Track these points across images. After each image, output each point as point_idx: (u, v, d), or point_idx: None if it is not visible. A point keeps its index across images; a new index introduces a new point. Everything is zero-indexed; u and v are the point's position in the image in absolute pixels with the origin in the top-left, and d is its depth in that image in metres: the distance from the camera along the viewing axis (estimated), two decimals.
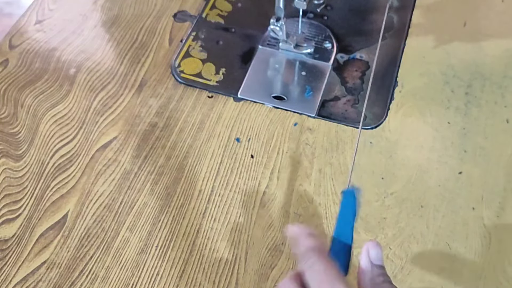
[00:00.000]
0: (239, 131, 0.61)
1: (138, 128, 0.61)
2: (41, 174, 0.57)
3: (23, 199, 0.56)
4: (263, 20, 0.70)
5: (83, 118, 0.62)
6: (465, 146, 0.59)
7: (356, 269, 0.38)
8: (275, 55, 0.67)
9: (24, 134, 0.61)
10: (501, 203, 0.55)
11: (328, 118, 0.62)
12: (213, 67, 0.67)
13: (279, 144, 0.60)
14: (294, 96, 0.64)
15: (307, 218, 0.54)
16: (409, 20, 0.71)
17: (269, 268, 0.52)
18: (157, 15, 0.72)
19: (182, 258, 0.52)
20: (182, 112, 0.63)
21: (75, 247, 0.53)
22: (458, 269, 0.51)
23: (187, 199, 0.56)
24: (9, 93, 0.64)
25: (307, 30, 0.69)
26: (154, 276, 0.51)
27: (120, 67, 0.67)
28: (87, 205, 0.56)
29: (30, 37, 0.70)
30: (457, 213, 0.54)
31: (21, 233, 0.54)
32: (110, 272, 0.52)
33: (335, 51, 0.67)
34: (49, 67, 0.67)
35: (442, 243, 0.53)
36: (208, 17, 0.72)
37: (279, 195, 0.56)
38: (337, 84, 0.65)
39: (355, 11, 0.72)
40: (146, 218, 0.55)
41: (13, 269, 0.52)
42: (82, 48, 0.69)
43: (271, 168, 0.58)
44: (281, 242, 0.53)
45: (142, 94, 0.64)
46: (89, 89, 0.65)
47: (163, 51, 0.68)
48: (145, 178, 0.57)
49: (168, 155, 0.59)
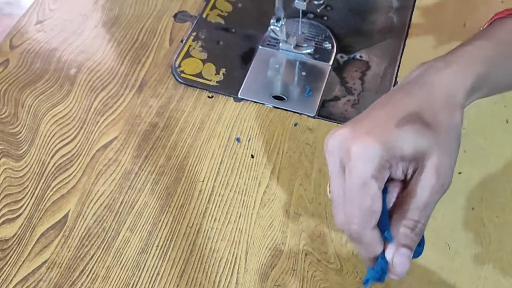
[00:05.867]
0: (239, 131, 0.61)
1: (138, 128, 0.61)
2: (41, 174, 0.58)
3: (24, 199, 0.56)
4: (263, 21, 0.70)
5: (83, 118, 0.62)
6: (465, 146, 0.59)
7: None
8: (275, 55, 0.68)
9: (24, 134, 0.61)
10: (501, 203, 0.55)
11: (328, 118, 0.62)
12: (213, 67, 0.67)
13: (279, 144, 0.60)
14: (294, 96, 0.64)
15: (307, 218, 0.55)
16: (409, 20, 0.71)
17: (269, 268, 0.52)
18: (157, 16, 0.72)
19: (182, 258, 0.52)
20: (182, 112, 0.63)
21: (75, 247, 0.53)
22: (458, 269, 0.52)
23: (188, 199, 0.56)
24: (9, 93, 0.64)
25: (307, 30, 0.70)
26: (154, 276, 0.51)
27: (120, 67, 0.67)
28: (87, 205, 0.56)
29: (31, 37, 0.70)
30: (457, 213, 0.54)
31: (22, 233, 0.54)
32: (111, 272, 0.52)
33: (335, 51, 0.67)
34: (49, 67, 0.67)
35: (442, 243, 0.53)
36: (208, 17, 0.72)
37: (279, 195, 0.56)
38: (337, 84, 0.65)
39: (355, 12, 0.72)
40: (146, 218, 0.55)
41: (13, 269, 0.52)
42: (83, 48, 0.69)
43: (271, 168, 0.58)
44: (281, 242, 0.53)
45: (142, 94, 0.64)
46: (90, 89, 0.65)
47: (164, 51, 0.68)
48: (145, 178, 0.57)
49: (168, 155, 0.59)
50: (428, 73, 0.40)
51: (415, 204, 0.37)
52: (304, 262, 0.52)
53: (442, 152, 0.37)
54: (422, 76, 0.40)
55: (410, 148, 0.36)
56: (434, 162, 0.36)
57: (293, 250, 0.53)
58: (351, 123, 0.39)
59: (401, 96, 0.39)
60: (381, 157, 0.36)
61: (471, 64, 0.40)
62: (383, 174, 0.37)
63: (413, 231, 0.37)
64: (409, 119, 0.37)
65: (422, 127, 0.37)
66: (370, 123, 0.38)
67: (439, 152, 0.36)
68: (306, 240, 0.53)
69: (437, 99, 0.38)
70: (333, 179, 0.39)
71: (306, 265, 0.52)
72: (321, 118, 0.62)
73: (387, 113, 0.38)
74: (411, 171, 0.38)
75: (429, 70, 0.41)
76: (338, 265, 0.52)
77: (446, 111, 0.38)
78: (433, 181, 0.36)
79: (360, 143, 0.36)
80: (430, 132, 0.37)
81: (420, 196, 0.37)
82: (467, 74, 0.40)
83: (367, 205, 0.36)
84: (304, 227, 0.54)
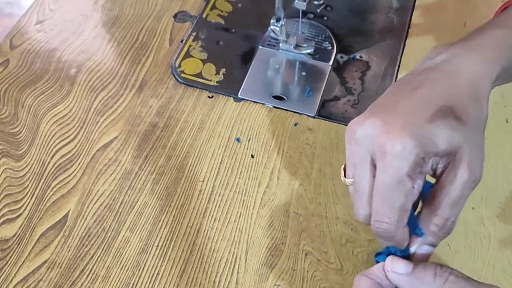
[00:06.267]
0: (239, 131, 0.61)
1: (138, 128, 0.61)
2: (41, 174, 0.58)
3: (24, 199, 0.56)
4: (263, 21, 0.70)
5: (83, 118, 0.62)
6: None
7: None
8: (275, 55, 0.68)
9: (24, 134, 0.61)
10: (501, 203, 0.55)
11: (328, 118, 0.62)
12: (213, 67, 0.67)
13: (279, 144, 0.60)
14: (294, 96, 0.64)
15: (307, 218, 0.55)
16: (409, 20, 0.71)
17: (269, 268, 0.52)
18: (157, 16, 0.72)
19: (182, 258, 0.52)
20: (182, 112, 0.63)
21: (75, 246, 0.53)
22: (458, 269, 0.51)
23: (188, 199, 0.56)
24: (9, 93, 0.64)
25: (307, 30, 0.70)
26: (154, 276, 0.51)
27: (120, 67, 0.67)
28: (87, 205, 0.56)
29: (31, 37, 0.70)
30: None
31: (22, 233, 0.54)
32: (111, 272, 0.52)
33: (335, 52, 0.68)
34: (49, 67, 0.67)
35: (442, 243, 0.53)
36: (208, 17, 0.72)
37: (279, 195, 0.56)
38: (337, 84, 0.65)
39: (355, 12, 0.72)
40: (146, 218, 0.55)
41: (13, 269, 0.52)
42: (83, 48, 0.69)
43: (271, 168, 0.58)
44: (281, 242, 0.53)
45: (142, 94, 0.64)
46: (90, 89, 0.65)
47: (164, 51, 0.68)
48: (145, 178, 0.58)
49: (168, 155, 0.59)
50: (455, 61, 0.39)
51: (447, 200, 0.36)
52: (304, 262, 0.52)
53: (473, 146, 0.36)
54: (449, 63, 0.39)
55: (444, 144, 0.36)
56: (466, 156, 0.36)
57: (293, 250, 0.53)
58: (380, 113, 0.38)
59: (429, 86, 0.38)
60: (417, 155, 0.35)
61: (496, 54, 0.40)
62: (416, 171, 0.36)
63: (442, 229, 0.37)
64: (441, 114, 0.36)
65: (455, 122, 0.36)
66: (401, 116, 0.37)
67: (470, 147, 0.36)
68: (306, 240, 0.53)
69: (465, 90, 0.38)
70: (360, 170, 0.38)
71: (306, 265, 0.52)
72: (321, 118, 0.62)
73: (417, 105, 0.37)
74: (441, 166, 0.37)
75: (456, 58, 0.39)
76: (338, 265, 0.52)
77: (475, 103, 0.37)
78: (465, 176, 0.36)
79: (397, 140, 0.35)
80: (462, 126, 0.36)
81: (452, 192, 0.36)
82: (493, 64, 0.39)
83: (401, 203, 0.36)
84: (304, 227, 0.54)
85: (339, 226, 0.54)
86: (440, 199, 0.37)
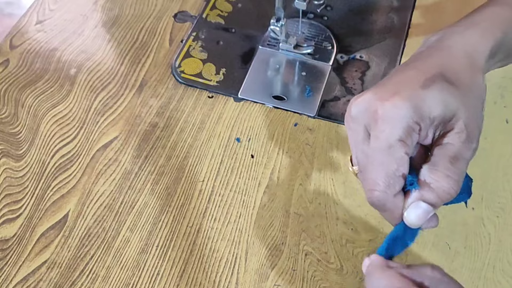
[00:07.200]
0: (239, 131, 0.61)
1: (138, 128, 0.61)
2: (41, 174, 0.58)
3: (24, 199, 0.56)
4: (263, 21, 0.70)
5: (83, 118, 0.62)
6: None
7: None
8: (275, 55, 0.68)
9: (24, 134, 0.61)
10: (501, 203, 0.55)
11: (328, 118, 0.62)
12: (213, 67, 0.67)
13: (279, 144, 0.60)
14: (294, 96, 0.64)
15: (307, 218, 0.55)
16: (409, 20, 0.71)
17: (269, 268, 0.52)
18: (157, 16, 0.72)
19: (182, 258, 0.52)
20: (182, 112, 0.63)
21: (75, 246, 0.53)
22: (458, 269, 0.52)
23: (188, 199, 0.56)
24: (9, 93, 0.64)
25: (307, 30, 0.70)
26: (154, 276, 0.51)
27: (120, 67, 0.67)
28: (87, 205, 0.56)
29: (31, 37, 0.70)
30: (457, 213, 0.54)
31: (22, 232, 0.54)
32: (111, 272, 0.52)
33: (335, 52, 0.67)
34: (49, 67, 0.67)
35: (442, 243, 0.53)
36: (208, 17, 0.72)
37: (279, 195, 0.56)
38: (337, 84, 0.65)
39: (355, 12, 0.72)
40: (146, 218, 0.55)
41: (13, 269, 0.52)
42: (83, 48, 0.69)
43: (271, 168, 0.58)
44: (281, 242, 0.53)
45: (142, 94, 0.64)
46: (90, 89, 0.65)
47: (164, 51, 0.68)
48: (145, 178, 0.58)
49: (168, 155, 0.59)
50: (447, 37, 0.39)
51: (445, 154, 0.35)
52: (304, 262, 0.52)
53: (469, 113, 0.36)
54: (441, 40, 0.39)
55: (438, 108, 0.35)
56: (462, 118, 0.35)
57: (293, 250, 0.53)
58: (373, 88, 0.38)
59: (422, 60, 0.38)
60: (410, 117, 0.34)
61: (490, 27, 0.39)
62: (411, 137, 0.35)
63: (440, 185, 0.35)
64: (434, 79, 0.36)
65: (448, 85, 0.36)
66: (394, 86, 0.36)
67: (467, 115, 0.35)
68: (306, 240, 0.53)
69: (458, 60, 0.38)
70: (358, 147, 0.37)
71: (306, 265, 0.52)
72: (321, 118, 0.62)
73: (410, 76, 0.37)
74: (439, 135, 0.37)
75: (448, 35, 0.40)
76: (338, 265, 0.52)
77: (468, 71, 0.37)
78: (463, 136, 0.35)
79: (388, 103, 0.35)
80: (455, 90, 0.36)
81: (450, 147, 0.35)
82: (487, 37, 0.39)
83: (392, 169, 0.35)
84: (304, 227, 0.54)
85: (339, 226, 0.54)
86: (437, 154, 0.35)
